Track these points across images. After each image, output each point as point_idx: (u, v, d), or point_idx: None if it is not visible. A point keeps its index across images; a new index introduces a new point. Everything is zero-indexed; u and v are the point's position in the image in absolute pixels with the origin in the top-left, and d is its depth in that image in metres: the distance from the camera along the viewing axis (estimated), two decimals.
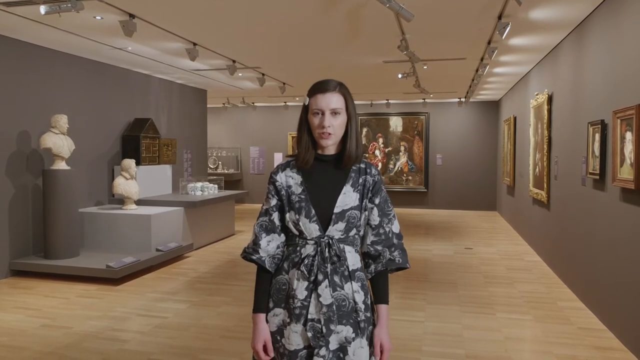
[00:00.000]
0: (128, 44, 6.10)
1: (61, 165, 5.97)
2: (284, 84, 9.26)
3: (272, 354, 1.78)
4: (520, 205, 8.62)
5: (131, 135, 7.56)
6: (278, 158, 13.68)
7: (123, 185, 6.68)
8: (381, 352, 1.78)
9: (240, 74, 8.26)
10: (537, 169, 7.09)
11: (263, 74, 8.18)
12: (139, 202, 7.06)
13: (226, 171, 13.78)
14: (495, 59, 6.90)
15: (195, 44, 5.99)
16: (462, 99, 11.73)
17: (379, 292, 1.84)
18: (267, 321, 1.80)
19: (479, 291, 5.29)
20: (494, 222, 10.52)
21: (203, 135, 10.30)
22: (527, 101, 7.93)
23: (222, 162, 13.96)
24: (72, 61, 6.65)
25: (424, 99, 11.90)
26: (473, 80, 8.84)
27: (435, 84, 9.36)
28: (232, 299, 4.98)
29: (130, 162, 6.77)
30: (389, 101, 12.18)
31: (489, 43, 5.94)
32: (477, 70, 7.86)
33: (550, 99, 6.38)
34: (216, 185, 8.54)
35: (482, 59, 6.97)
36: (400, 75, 7.31)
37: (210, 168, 13.84)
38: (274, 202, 1.85)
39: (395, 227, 1.88)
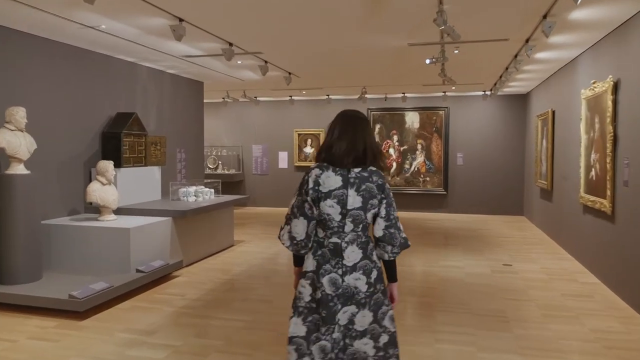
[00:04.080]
0: (100, 21, 5.01)
1: (19, 169, 4.88)
2: (289, 74, 8.13)
3: None
4: (563, 213, 7.46)
5: (111, 133, 6.46)
6: (283, 157, 12.57)
7: (98, 191, 5.59)
8: None
9: (239, 62, 7.15)
10: (592, 172, 5.94)
11: (265, 62, 7.06)
12: (119, 211, 5.98)
13: (226, 172, 12.68)
14: (543, 39, 5.76)
15: (181, 20, 4.88)
16: (487, 92, 10.57)
17: None
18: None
19: (540, 329, 4.16)
20: (524, 230, 9.37)
21: (199, 133, 9.19)
22: (576, 91, 6.77)
23: (223, 161, 12.86)
24: (37, 44, 5.55)
25: (444, 92, 10.75)
26: (507, 68, 7.70)
27: (461, 74, 8.20)
28: (224, 343, 3.87)
29: (106, 165, 5.68)
30: (405, 95, 11.03)
31: (544, 17, 4.81)
32: (515, 56, 6.72)
33: (615, 87, 5.23)
34: (212, 190, 7.45)
35: (527, 40, 5.83)
36: (428, 61, 6.17)
37: (210, 168, 12.75)
38: None
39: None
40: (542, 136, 8.90)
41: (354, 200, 2.25)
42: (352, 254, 2.26)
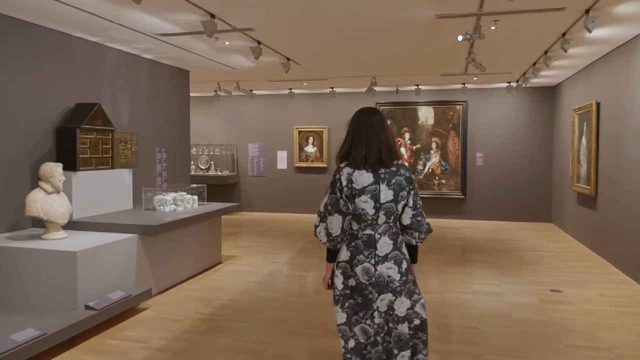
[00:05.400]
0: None
1: None
2: (287, 59, 6.90)
3: None
4: (615, 225, 6.23)
5: (67, 128, 5.24)
6: (282, 157, 11.34)
7: (41, 202, 4.37)
8: None
9: (227, 42, 5.93)
10: None
11: (258, 42, 5.84)
12: (73, 226, 4.77)
13: (220, 173, 11.45)
14: (608, 10, 4.54)
15: None
16: (512, 83, 9.32)
17: None
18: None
19: None
20: (558, 241, 8.14)
21: (185, 130, 7.96)
22: (636, 77, 5.54)
23: (215, 162, 11.63)
24: None
25: (463, 83, 9.51)
26: (546, 52, 6.48)
27: (490, 59, 6.94)
28: None
29: (52, 168, 4.46)
30: (419, 87, 9.79)
31: None
32: (564, 35, 5.51)
33: None
34: (195, 197, 6.23)
35: (587, 11, 4.60)
36: (460, 37, 4.94)
37: (201, 169, 11.54)
38: None
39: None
40: (581, 133, 7.67)
41: (385, 194, 2.41)
42: (385, 245, 2.42)
